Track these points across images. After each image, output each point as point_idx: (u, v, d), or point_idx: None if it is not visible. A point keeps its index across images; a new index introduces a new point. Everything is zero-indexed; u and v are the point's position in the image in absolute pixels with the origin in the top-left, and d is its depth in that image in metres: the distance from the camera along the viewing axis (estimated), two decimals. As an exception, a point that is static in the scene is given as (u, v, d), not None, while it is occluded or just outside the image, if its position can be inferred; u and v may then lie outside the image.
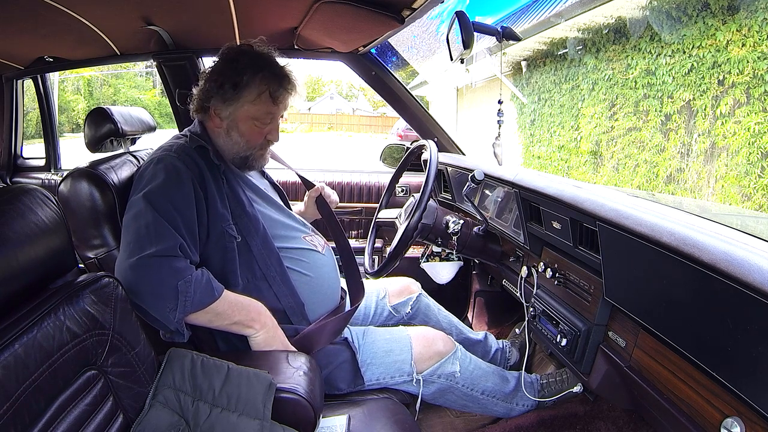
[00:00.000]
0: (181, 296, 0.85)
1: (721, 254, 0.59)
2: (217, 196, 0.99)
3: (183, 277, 0.86)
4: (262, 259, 1.02)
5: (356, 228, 2.03)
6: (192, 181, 0.95)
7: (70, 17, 1.30)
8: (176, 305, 0.85)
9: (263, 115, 1.05)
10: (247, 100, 1.03)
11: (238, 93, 1.02)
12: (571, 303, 1.03)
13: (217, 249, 0.98)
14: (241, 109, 1.03)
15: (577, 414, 1.20)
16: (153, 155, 1.01)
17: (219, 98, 1.03)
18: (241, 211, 1.02)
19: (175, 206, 0.92)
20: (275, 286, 1.02)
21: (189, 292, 0.86)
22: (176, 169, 0.95)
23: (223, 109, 1.04)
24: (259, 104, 1.03)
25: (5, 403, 0.54)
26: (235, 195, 1.03)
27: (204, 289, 0.88)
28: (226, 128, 1.06)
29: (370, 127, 23.89)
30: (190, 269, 0.88)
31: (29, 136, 2.62)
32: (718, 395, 0.65)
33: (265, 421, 0.77)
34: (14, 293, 0.62)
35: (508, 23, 5.66)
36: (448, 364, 1.15)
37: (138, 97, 17.29)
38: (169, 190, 0.92)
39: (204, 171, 0.99)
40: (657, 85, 4.07)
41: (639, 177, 4.36)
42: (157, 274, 0.85)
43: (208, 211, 0.97)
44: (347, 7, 1.18)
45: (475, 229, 1.42)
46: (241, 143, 1.06)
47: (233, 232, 0.99)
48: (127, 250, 0.87)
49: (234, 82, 1.02)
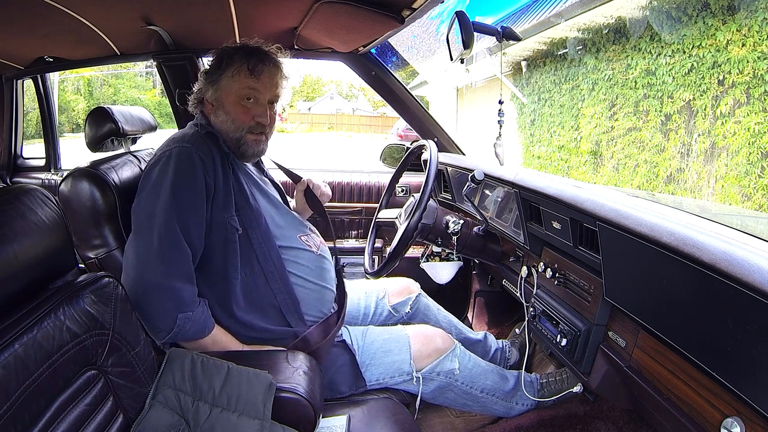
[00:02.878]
0: (177, 328, 0.89)
1: (721, 254, 0.59)
2: (223, 185, 1.00)
3: (185, 311, 0.89)
4: (263, 254, 1.02)
5: (356, 228, 2.03)
6: (204, 171, 0.96)
7: (70, 17, 1.30)
8: (169, 331, 0.89)
9: (245, 89, 1.06)
10: (227, 76, 1.06)
11: (219, 72, 1.07)
12: (571, 303, 1.03)
13: (219, 240, 0.99)
14: (223, 86, 1.07)
15: (577, 414, 1.20)
16: (165, 147, 1.01)
17: (207, 83, 1.09)
18: (245, 203, 1.03)
19: (189, 206, 0.93)
20: (273, 282, 1.02)
21: (184, 327, 0.90)
22: (189, 161, 0.95)
23: (210, 91, 1.08)
24: (239, 79, 1.05)
25: (5, 403, 0.54)
26: (240, 186, 1.04)
27: (199, 326, 0.92)
28: (214, 109, 1.08)
29: (370, 127, 23.89)
30: (194, 304, 0.91)
31: (29, 136, 2.62)
32: (718, 395, 0.65)
33: (265, 420, 0.77)
34: (14, 293, 0.62)
35: (508, 23, 5.66)
36: (447, 361, 1.15)
37: (138, 97, 17.29)
38: (183, 191, 0.93)
39: (216, 158, 1.01)
40: (657, 85, 4.07)
41: (639, 177, 4.36)
42: (161, 302, 0.88)
43: (215, 200, 0.98)
44: (347, 7, 1.18)
45: (475, 229, 1.42)
46: (228, 122, 1.06)
47: (236, 223, 0.99)
48: (138, 262, 0.89)
49: (216, 65, 1.08)
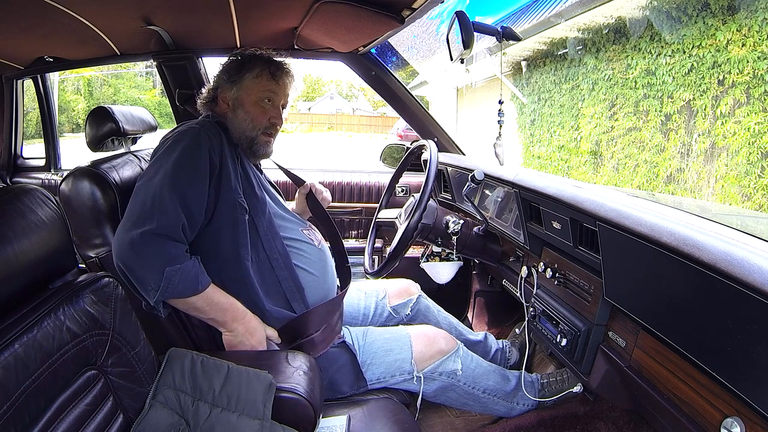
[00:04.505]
0: (165, 281, 0.87)
1: (721, 254, 0.59)
2: (231, 169, 1.02)
3: (172, 264, 0.88)
4: (267, 241, 1.04)
5: (356, 228, 2.03)
6: (210, 150, 0.98)
7: (70, 17, 1.30)
8: (158, 287, 0.87)
9: (265, 91, 1.12)
10: (249, 77, 1.12)
11: (240, 73, 1.13)
12: (571, 303, 1.03)
13: (229, 220, 1.00)
14: (244, 86, 1.12)
15: (577, 414, 1.20)
16: (174, 129, 1.05)
17: (225, 83, 1.14)
18: (251, 191, 1.06)
19: (187, 178, 0.94)
20: (278, 269, 1.04)
21: (173, 280, 0.88)
22: (196, 138, 0.98)
23: (228, 90, 1.13)
24: (260, 80, 1.12)
25: (5, 403, 0.54)
26: (247, 176, 1.07)
27: (190, 280, 0.90)
28: (232, 107, 1.13)
29: (370, 127, 23.87)
30: (183, 258, 0.90)
31: (29, 136, 2.62)
32: (718, 395, 0.65)
33: (265, 421, 0.77)
34: (14, 293, 0.62)
35: (508, 23, 5.66)
36: (449, 361, 1.15)
37: (138, 97, 17.29)
38: (184, 161, 0.95)
39: (224, 143, 1.04)
40: (657, 85, 4.07)
41: (639, 177, 4.36)
42: (148, 254, 0.87)
43: (221, 179, 1.00)
44: (347, 7, 1.18)
45: (475, 229, 1.42)
46: (247, 120, 1.11)
47: (244, 203, 1.02)
48: (129, 220, 0.89)
49: (238, 66, 1.14)
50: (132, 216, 0.89)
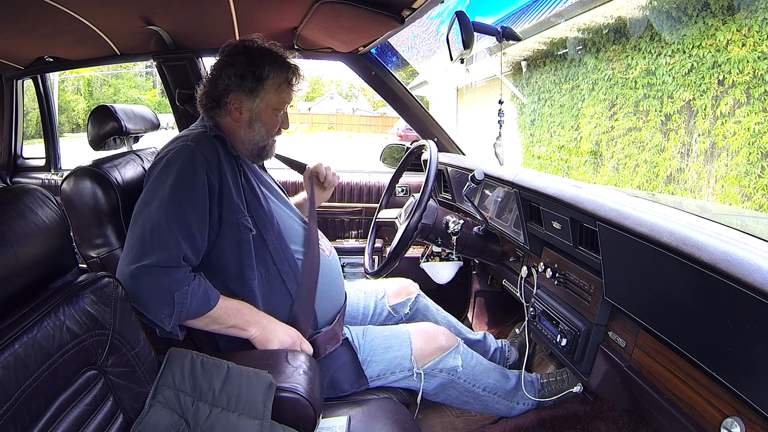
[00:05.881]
0: (177, 306, 0.87)
1: (721, 254, 0.59)
2: (233, 186, 0.99)
3: (180, 287, 0.87)
4: (278, 255, 1.02)
5: (356, 228, 2.03)
6: (207, 171, 0.94)
7: (70, 17, 1.30)
8: (172, 313, 0.87)
9: (282, 103, 1.08)
10: (271, 90, 1.05)
11: (261, 84, 1.04)
12: (571, 303, 1.03)
13: (232, 241, 0.98)
14: (266, 99, 1.05)
15: (577, 414, 1.20)
16: (168, 146, 1.01)
17: (240, 91, 1.04)
18: (257, 205, 1.03)
19: (186, 205, 0.92)
20: (289, 282, 1.03)
21: (185, 302, 0.88)
22: (192, 160, 0.94)
23: (246, 101, 1.05)
24: (281, 93, 1.06)
25: (5, 403, 0.54)
26: (251, 188, 1.04)
27: (200, 298, 0.90)
28: (248, 120, 1.06)
29: (370, 127, 23.86)
30: (188, 279, 0.89)
31: (29, 136, 2.62)
32: (718, 395, 0.65)
33: (265, 420, 0.77)
34: (14, 293, 0.62)
35: (508, 23, 5.66)
36: (450, 358, 1.15)
37: (138, 97, 17.29)
38: (182, 187, 0.92)
39: (222, 159, 0.99)
40: (657, 85, 4.07)
41: (639, 177, 4.36)
42: (154, 285, 0.86)
43: (222, 201, 0.97)
44: (347, 7, 1.18)
45: (475, 229, 1.42)
46: (263, 133, 1.08)
47: (248, 224, 0.99)
48: (130, 254, 0.88)
49: (256, 74, 1.03)
50: (132, 248, 0.88)
